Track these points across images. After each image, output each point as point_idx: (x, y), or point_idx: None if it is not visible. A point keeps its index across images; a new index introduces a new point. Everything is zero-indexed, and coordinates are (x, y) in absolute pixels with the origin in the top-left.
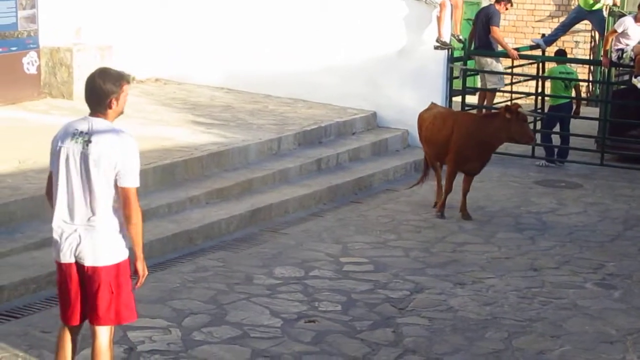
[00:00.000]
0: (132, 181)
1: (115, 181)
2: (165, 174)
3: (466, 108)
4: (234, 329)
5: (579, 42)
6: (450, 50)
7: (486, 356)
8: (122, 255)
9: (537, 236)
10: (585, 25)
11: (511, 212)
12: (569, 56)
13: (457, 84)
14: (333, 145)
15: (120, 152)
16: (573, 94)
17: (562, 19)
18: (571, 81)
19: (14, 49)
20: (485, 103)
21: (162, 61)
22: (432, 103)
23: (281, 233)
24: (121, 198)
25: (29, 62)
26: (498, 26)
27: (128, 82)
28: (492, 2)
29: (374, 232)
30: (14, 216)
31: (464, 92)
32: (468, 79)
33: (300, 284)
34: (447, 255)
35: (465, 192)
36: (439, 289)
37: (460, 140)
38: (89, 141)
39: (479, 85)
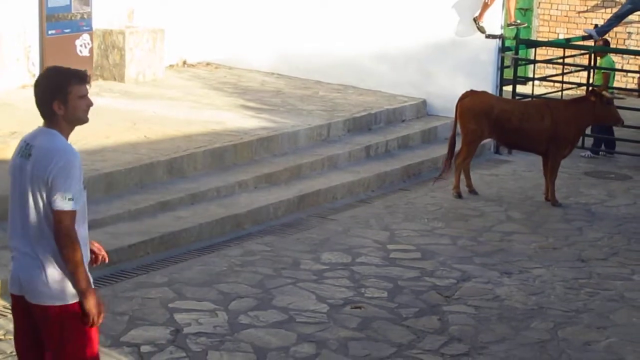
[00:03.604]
0: (63, 203)
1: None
2: (214, 158)
3: (516, 97)
4: (280, 314)
5: (632, 34)
6: (501, 39)
7: (532, 346)
8: (66, 296)
9: (585, 227)
10: (638, 16)
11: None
12: (621, 47)
13: (508, 74)
14: (382, 132)
15: (55, 168)
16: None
17: (614, 10)
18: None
19: (67, 31)
20: None
21: (214, 45)
22: (472, 90)
23: (329, 219)
24: (53, 223)
25: (82, 45)
26: None
27: (82, 82)
28: None
29: (422, 220)
30: None
31: (515, 81)
32: (519, 68)
33: (347, 270)
34: (494, 244)
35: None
36: (486, 277)
37: (562, 127)
38: (30, 154)
39: (530, 74)
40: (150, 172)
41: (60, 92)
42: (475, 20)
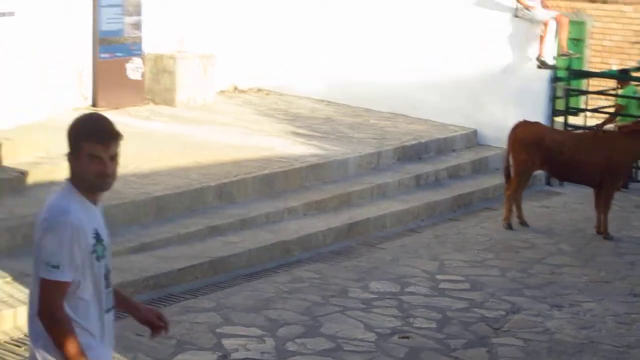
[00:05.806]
0: (46, 271)
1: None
2: (264, 184)
3: (568, 128)
4: (327, 342)
5: None
6: (553, 69)
7: None
8: None
9: (637, 261)
10: None
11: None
12: None
13: (560, 104)
14: (432, 161)
15: (42, 226)
16: None
17: None
18: None
19: (119, 54)
20: None
21: (264, 72)
22: (524, 120)
23: (378, 247)
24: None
25: (133, 68)
26: None
27: (98, 141)
28: None
29: (472, 251)
30: (115, 220)
31: (567, 112)
32: (571, 99)
33: (395, 299)
34: (545, 277)
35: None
36: (536, 310)
37: (617, 158)
38: None
39: (581, 105)
40: (200, 197)
41: (72, 145)
42: (537, 59)
